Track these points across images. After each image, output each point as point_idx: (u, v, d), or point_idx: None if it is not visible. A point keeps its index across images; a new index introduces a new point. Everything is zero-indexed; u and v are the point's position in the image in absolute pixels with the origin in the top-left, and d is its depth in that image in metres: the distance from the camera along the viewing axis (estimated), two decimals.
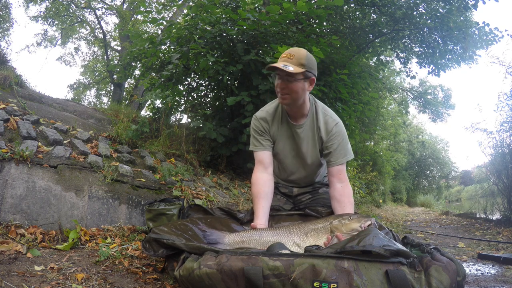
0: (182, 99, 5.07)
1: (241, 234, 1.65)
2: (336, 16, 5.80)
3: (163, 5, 10.68)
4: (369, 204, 9.40)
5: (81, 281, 1.43)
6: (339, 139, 1.83)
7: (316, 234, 1.57)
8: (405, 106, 12.99)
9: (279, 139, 1.91)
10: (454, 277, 1.14)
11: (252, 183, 1.90)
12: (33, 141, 2.49)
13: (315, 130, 1.86)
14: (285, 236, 1.59)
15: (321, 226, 1.59)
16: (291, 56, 1.66)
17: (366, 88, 4.98)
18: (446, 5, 5.65)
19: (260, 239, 1.59)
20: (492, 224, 4.46)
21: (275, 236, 1.59)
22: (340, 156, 1.83)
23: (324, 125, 1.84)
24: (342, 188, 1.83)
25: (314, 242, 1.54)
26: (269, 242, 1.54)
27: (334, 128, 1.83)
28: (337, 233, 1.52)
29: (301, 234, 1.59)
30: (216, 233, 1.68)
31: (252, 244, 1.58)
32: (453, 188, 25.58)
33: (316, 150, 1.90)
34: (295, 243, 1.56)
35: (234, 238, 1.63)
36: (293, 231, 1.61)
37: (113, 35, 15.65)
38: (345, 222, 1.54)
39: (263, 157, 1.90)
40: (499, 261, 2.27)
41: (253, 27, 3.69)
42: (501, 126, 4.96)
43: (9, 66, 5.23)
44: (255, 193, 1.85)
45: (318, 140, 1.87)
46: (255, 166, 1.94)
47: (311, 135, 1.87)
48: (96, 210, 2.33)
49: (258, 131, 1.91)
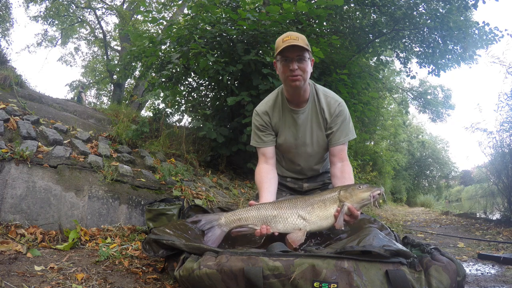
0: (182, 99, 5.07)
1: (237, 211, 1.54)
2: (336, 16, 5.79)
3: (163, 5, 10.68)
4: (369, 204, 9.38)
5: (81, 281, 1.43)
6: (342, 118, 1.83)
7: (323, 205, 1.45)
8: (405, 106, 13.00)
9: (282, 129, 1.88)
10: (454, 277, 1.14)
11: (256, 174, 1.90)
12: (33, 141, 2.49)
13: (318, 112, 1.84)
14: (288, 209, 1.46)
15: (328, 197, 1.47)
16: (296, 38, 1.64)
17: (366, 88, 4.98)
18: (446, 5, 5.64)
19: (258, 214, 1.47)
20: (492, 224, 4.46)
21: (275, 210, 1.47)
22: (342, 135, 1.83)
23: (327, 107, 1.83)
24: (342, 166, 1.82)
25: (322, 214, 1.44)
26: (269, 217, 1.46)
27: (337, 108, 1.82)
28: (348, 203, 1.42)
29: (306, 206, 1.46)
30: (210, 216, 1.56)
31: (250, 221, 1.48)
32: (453, 188, 25.60)
33: (322, 133, 1.87)
34: (300, 216, 1.44)
35: (230, 217, 1.51)
36: (297, 203, 1.47)
37: (113, 35, 15.66)
38: (355, 192, 1.43)
39: (265, 151, 1.91)
40: (499, 261, 2.27)
41: (253, 27, 3.68)
42: (501, 126, 4.96)
43: (9, 66, 5.24)
44: (259, 181, 1.84)
45: (323, 122, 1.85)
46: (258, 160, 1.95)
47: (315, 118, 1.85)
48: (96, 210, 2.33)
49: (260, 126, 1.90)
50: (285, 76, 1.71)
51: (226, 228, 1.51)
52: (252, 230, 1.49)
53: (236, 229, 1.51)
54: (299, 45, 1.62)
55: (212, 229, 1.51)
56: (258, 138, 1.91)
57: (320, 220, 1.45)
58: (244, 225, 1.49)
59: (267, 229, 1.46)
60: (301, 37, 1.66)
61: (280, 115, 1.88)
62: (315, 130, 1.86)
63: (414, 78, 7.53)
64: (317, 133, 1.87)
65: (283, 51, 1.65)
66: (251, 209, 1.51)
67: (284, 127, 1.88)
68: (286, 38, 1.65)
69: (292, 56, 1.65)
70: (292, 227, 1.45)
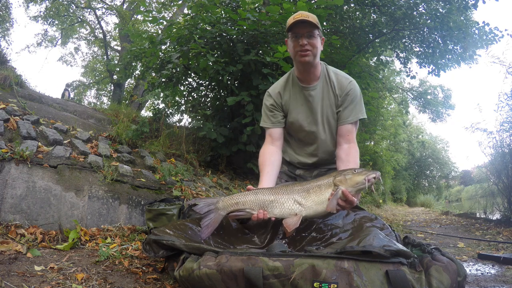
0: (182, 99, 5.07)
1: (235, 196, 1.54)
2: (336, 16, 5.79)
3: (163, 5, 10.68)
4: (369, 204, 9.40)
5: (81, 281, 1.43)
6: (353, 96, 1.80)
7: (319, 189, 1.46)
8: (405, 106, 12.98)
9: (293, 107, 1.87)
10: (454, 277, 1.14)
11: (260, 155, 1.89)
12: (33, 141, 2.49)
13: (329, 89, 1.82)
14: (284, 194, 1.48)
15: (324, 182, 1.48)
16: (307, 16, 1.67)
17: (366, 88, 4.98)
18: (446, 5, 5.64)
19: (255, 199, 1.48)
20: (492, 224, 4.46)
21: (272, 195, 1.48)
22: (351, 114, 1.79)
23: (338, 84, 1.82)
24: (348, 148, 1.79)
25: (317, 199, 1.45)
26: (266, 202, 1.47)
27: (348, 85, 1.81)
28: (343, 187, 1.41)
29: (302, 191, 1.47)
30: (208, 200, 1.56)
31: (248, 205, 1.49)
32: (453, 188, 25.61)
33: (333, 109, 1.84)
34: (296, 201, 1.46)
35: (228, 201, 1.51)
36: (294, 189, 1.49)
37: (113, 35, 15.65)
38: (349, 176, 1.43)
39: (272, 132, 1.90)
40: (499, 261, 2.27)
41: (253, 27, 3.68)
42: (501, 126, 4.96)
43: (9, 66, 5.23)
44: (261, 163, 1.83)
45: (335, 99, 1.82)
46: (265, 141, 1.94)
47: (326, 95, 1.83)
48: (96, 210, 2.33)
49: (270, 106, 1.90)
50: (295, 51, 1.73)
51: (223, 212, 1.52)
52: (249, 214, 1.50)
53: (233, 213, 1.52)
54: (309, 21, 1.65)
55: (209, 213, 1.52)
56: (267, 118, 1.91)
57: (315, 205, 1.46)
58: (242, 209, 1.50)
59: (264, 214, 1.47)
60: (311, 16, 1.68)
61: (291, 93, 1.87)
62: (326, 107, 1.83)
63: (414, 78, 7.54)
64: (327, 111, 1.84)
65: (293, 27, 1.68)
66: (249, 193, 1.52)
67: (295, 105, 1.86)
68: (297, 16, 1.68)
69: (302, 32, 1.68)
70: (288, 212, 1.47)
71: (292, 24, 1.68)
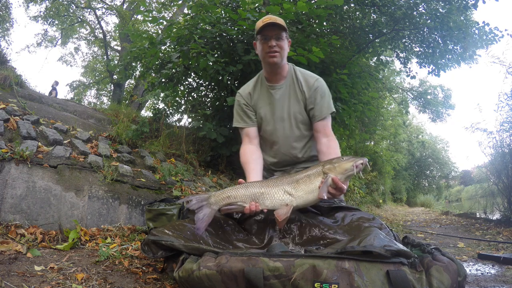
0: (182, 99, 5.07)
1: (226, 190, 1.57)
2: (336, 16, 5.78)
3: (163, 5, 10.68)
4: (369, 204, 9.40)
5: (81, 281, 1.43)
6: (321, 92, 1.88)
7: (309, 179, 1.51)
8: (405, 106, 12.97)
9: (260, 105, 1.96)
10: (455, 277, 1.14)
11: (241, 155, 1.95)
12: (33, 141, 2.49)
13: (296, 86, 1.91)
14: (275, 186, 1.53)
15: (313, 172, 1.53)
16: (275, 19, 1.77)
17: (366, 88, 4.98)
18: (446, 5, 5.63)
19: (246, 192, 1.53)
20: (492, 224, 4.46)
21: (263, 188, 1.53)
22: (323, 109, 1.88)
23: (304, 81, 1.91)
24: (328, 141, 1.85)
25: (307, 188, 1.50)
26: (257, 194, 1.51)
27: (315, 83, 1.89)
28: (332, 175, 1.46)
29: (292, 182, 1.52)
30: (200, 196, 1.58)
31: (239, 198, 1.53)
32: (453, 188, 25.62)
33: (300, 106, 1.91)
34: (286, 192, 1.51)
35: (220, 196, 1.55)
36: (283, 180, 1.54)
37: (113, 35, 15.65)
38: (338, 164, 1.49)
39: (248, 131, 1.98)
40: (499, 261, 2.27)
41: (253, 27, 3.68)
42: (501, 126, 4.97)
43: (9, 66, 5.23)
44: (244, 162, 1.89)
45: (302, 96, 1.90)
46: (242, 141, 2.01)
47: (293, 93, 1.91)
48: (96, 210, 2.33)
49: (243, 105, 1.99)
50: (264, 53, 1.82)
51: (216, 206, 1.54)
52: (241, 207, 1.53)
53: (225, 207, 1.55)
54: (278, 23, 1.75)
55: (202, 208, 1.53)
56: (241, 119, 2.00)
57: (305, 194, 1.50)
58: (233, 202, 1.53)
59: (255, 206, 1.51)
60: (279, 19, 1.78)
61: (259, 92, 1.98)
62: (293, 104, 1.91)
63: (414, 78, 7.52)
64: (294, 107, 1.91)
65: (263, 30, 1.77)
66: (240, 187, 1.56)
67: (262, 103, 1.95)
68: (266, 19, 1.78)
69: (271, 34, 1.78)
70: (279, 203, 1.51)
71: (262, 27, 1.76)
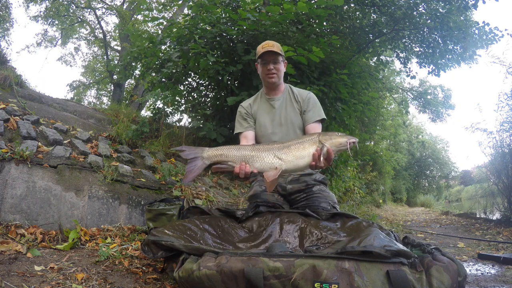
0: (182, 99, 5.06)
1: (220, 148, 1.65)
2: (336, 16, 5.78)
3: (163, 5, 10.68)
4: (369, 204, 9.40)
5: (81, 281, 1.43)
6: (312, 101, 2.17)
7: (301, 146, 1.57)
8: (405, 106, 12.96)
9: (260, 114, 2.22)
10: (455, 277, 1.14)
11: None
12: (33, 141, 2.49)
13: (292, 98, 2.20)
14: (265, 150, 1.59)
15: (307, 139, 1.59)
16: (272, 45, 2.06)
17: (366, 88, 4.97)
18: (446, 5, 5.63)
19: (238, 153, 1.60)
20: (492, 224, 4.46)
21: (254, 151, 1.60)
22: (315, 114, 2.14)
23: (299, 94, 2.22)
24: None
25: (298, 154, 1.56)
26: (247, 156, 1.58)
27: (308, 95, 2.19)
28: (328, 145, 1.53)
29: (283, 147, 1.59)
30: (193, 149, 1.65)
31: (230, 158, 1.60)
32: (453, 188, 25.59)
33: (296, 113, 2.17)
34: (276, 156, 1.57)
35: (213, 152, 1.62)
36: (274, 145, 1.61)
37: (113, 35, 15.64)
38: (334, 136, 1.56)
39: (246, 134, 2.19)
40: (499, 261, 2.27)
41: (253, 27, 3.68)
42: (501, 126, 4.97)
43: (9, 66, 5.23)
44: None
45: (297, 105, 2.18)
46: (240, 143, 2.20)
47: (289, 102, 2.19)
48: (96, 210, 2.33)
49: (244, 114, 2.23)
50: (264, 74, 2.13)
51: (207, 161, 1.62)
52: (231, 167, 1.61)
53: (216, 165, 1.62)
54: (274, 51, 2.04)
55: (194, 160, 1.61)
56: (240, 125, 2.23)
57: (296, 159, 1.58)
58: (225, 161, 1.61)
59: (245, 167, 1.59)
60: (276, 45, 2.08)
61: (259, 105, 2.26)
62: (290, 111, 2.17)
63: (414, 78, 7.52)
64: (291, 114, 2.17)
65: (263, 55, 2.07)
66: (233, 147, 1.65)
67: (262, 112, 2.22)
68: (265, 45, 2.07)
69: (269, 59, 2.08)
70: (268, 166, 1.59)
71: (262, 53, 2.05)
